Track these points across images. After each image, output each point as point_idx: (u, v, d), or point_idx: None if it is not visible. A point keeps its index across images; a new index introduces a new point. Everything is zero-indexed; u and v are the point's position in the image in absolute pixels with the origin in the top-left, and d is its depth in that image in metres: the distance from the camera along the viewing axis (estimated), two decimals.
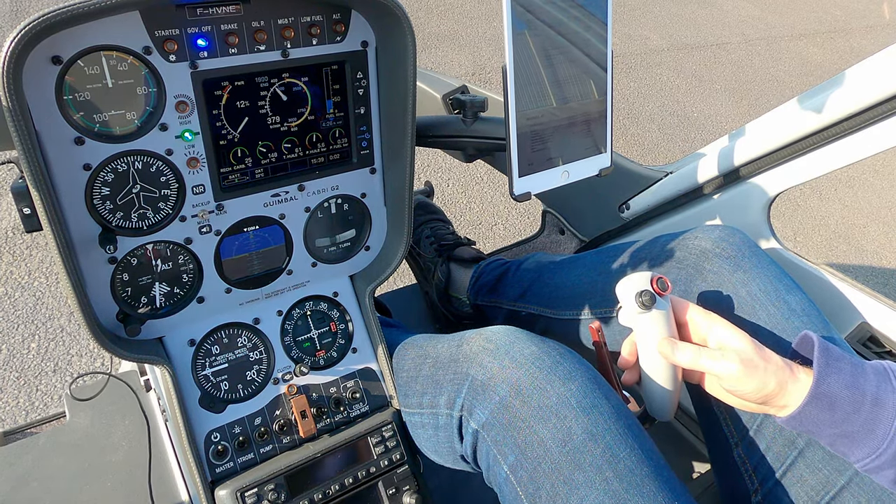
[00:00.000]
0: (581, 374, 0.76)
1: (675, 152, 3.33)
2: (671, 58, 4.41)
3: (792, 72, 4.67)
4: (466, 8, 4.37)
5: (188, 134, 0.77)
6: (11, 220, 2.11)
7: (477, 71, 3.60)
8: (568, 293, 1.09)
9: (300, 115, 0.85)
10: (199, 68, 0.75)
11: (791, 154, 1.00)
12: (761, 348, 0.72)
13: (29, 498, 1.04)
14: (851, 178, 3.45)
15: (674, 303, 0.79)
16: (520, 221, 2.60)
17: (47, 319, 1.85)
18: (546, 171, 0.75)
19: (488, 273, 1.28)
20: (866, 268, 2.85)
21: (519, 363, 0.77)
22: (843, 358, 0.70)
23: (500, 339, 0.81)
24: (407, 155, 0.87)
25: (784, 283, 0.85)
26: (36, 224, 0.68)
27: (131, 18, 0.70)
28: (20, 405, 1.63)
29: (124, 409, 1.15)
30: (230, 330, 0.90)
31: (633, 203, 1.25)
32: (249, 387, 0.90)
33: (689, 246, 0.93)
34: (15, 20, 3.16)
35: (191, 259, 0.84)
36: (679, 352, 0.75)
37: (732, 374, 0.71)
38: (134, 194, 0.77)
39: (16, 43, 0.59)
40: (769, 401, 0.71)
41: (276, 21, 0.78)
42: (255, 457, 0.87)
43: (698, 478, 1.16)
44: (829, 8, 6.18)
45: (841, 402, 0.68)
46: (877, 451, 0.67)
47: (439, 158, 2.77)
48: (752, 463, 0.82)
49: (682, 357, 0.75)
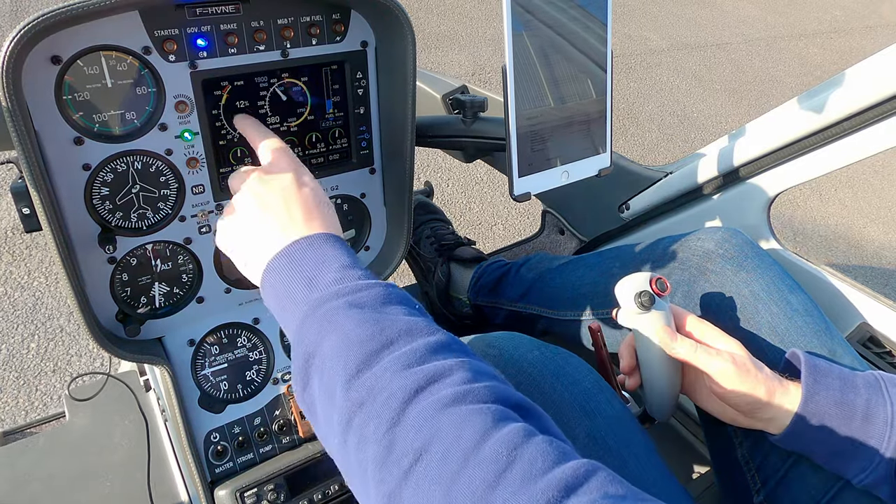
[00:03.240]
0: (583, 378, 0.77)
1: (675, 152, 3.33)
2: (671, 58, 4.41)
3: (792, 72, 4.67)
4: (466, 8, 4.36)
5: (188, 134, 0.77)
6: (11, 220, 2.11)
7: (477, 71, 3.60)
8: (569, 294, 1.09)
9: (300, 115, 0.85)
10: (198, 68, 0.75)
11: (791, 154, 1.00)
12: (754, 359, 0.73)
13: (29, 498, 1.04)
14: (851, 178, 3.44)
15: (673, 311, 0.79)
16: (520, 221, 2.59)
17: (47, 319, 1.85)
18: (546, 171, 0.75)
19: (489, 273, 1.28)
20: (866, 268, 2.85)
21: (521, 368, 0.77)
22: (832, 373, 0.70)
23: (502, 345, 0.82)
24: (407, 155, 0.87)
25: (786, 283, 0.86)
26: (35, 224, 0.68)
27: (131, 18, 0.70)
28: (20, 405, 1.63)
29: (124, 409, 1.15)
30: (230, 330, 0.90)
31: (632, 203, 1.25)
32: (249, 387, 0.90)
33: (692, 247, 0.93)
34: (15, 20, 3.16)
35: (190, 259, 0.84)
36: (678, 344, 0.76)
37: (724, 372, 0.71)
38: (133, 194, 0.77)
39: (15, 43, 0.59)
40: (756, 411, 0.72)
41: (276, 21, 0.78)
42: (255, 457, 0.87)
43: (698, 478, 1.15)
44: (829, 8, 6.18)
45: (831, 419, 0.68)
46: (870, 465, 0.67)
47: (439, 158, 2.77)
48: (755, 462, 0.82)
49: (680, 349, 0.75)
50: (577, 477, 0.41)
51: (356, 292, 0.54)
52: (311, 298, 0.55)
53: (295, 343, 0.54)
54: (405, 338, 0.51)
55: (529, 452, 0.42)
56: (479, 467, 0.42)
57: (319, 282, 0.56)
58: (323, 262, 0.58)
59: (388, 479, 0.44)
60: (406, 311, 0.54)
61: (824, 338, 0.81)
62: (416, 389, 0.46)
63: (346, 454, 0.48)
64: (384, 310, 0.53)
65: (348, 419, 0.48)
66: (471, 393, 0.46)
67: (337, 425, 0.49)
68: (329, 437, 0.51)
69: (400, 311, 0.54)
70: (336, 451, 0.50)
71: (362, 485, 0.47)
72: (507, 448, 0.42)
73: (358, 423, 0.47)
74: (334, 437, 0.50)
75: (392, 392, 0.46)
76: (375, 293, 0.54)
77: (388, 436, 0.45)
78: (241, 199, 0.66)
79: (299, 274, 0.57)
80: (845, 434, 0.68)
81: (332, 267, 0.57)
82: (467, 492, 0.41)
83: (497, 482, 0.41)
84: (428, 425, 0.44)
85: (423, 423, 0.44)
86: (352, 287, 0.55)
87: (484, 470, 0.41)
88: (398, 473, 0.43)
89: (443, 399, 0.45)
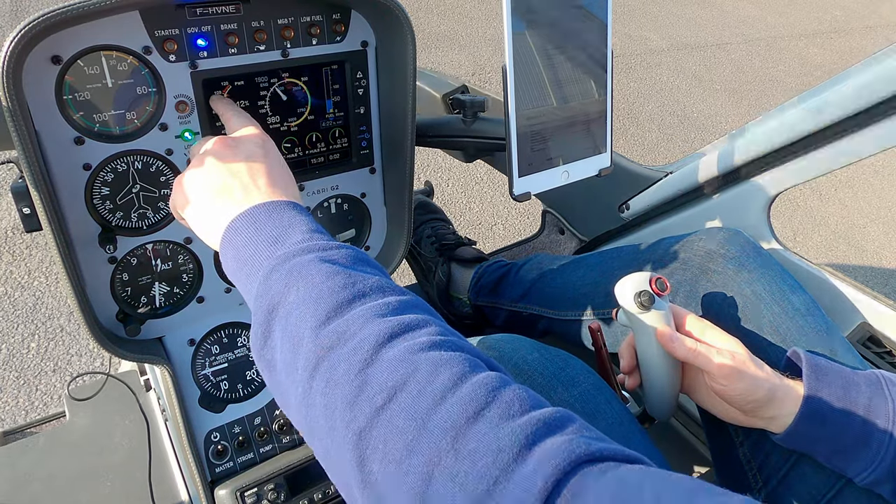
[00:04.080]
0: (583, 380, 0.77)
1: (675, 152, 3.33)
2: (671, 58, 4.41)
3: (792, 72, 4.67)
4: (466, 8, 4.36)
5: (188, 134, 0.77)
6: (11, 220, 2.11)
7: (477, 71, 3.60)
8: (570, 294, 1.09)
9: (300, 114, 0.85)
10: (198, 68, 0.75)
11: (791, 154, 1.00)
12: (754, 357, 0.73)
13: (29, 498, 1.04)
14: (851, 178, 3.44)
15: (673, 311, 0.79)
16: (520, 221, 2.60)
17: (47, 319, 1.85)
18: (546, 171, 0.75)
19: (489, 274, 1.28)
20: (866, 268, 2.85)
21: (521, 370, 0.78)
22: (833, 371, 0.70)
23: (502, 347, 0.82)
24: (407, 155, 0.87)
25: (788, 283, 0.86)
26: (35, 224, 0.68)
27: (131, 18, 0.70)
28: (20, 405, 1.63)
29: (124, 408, 1.15)
30: (230, 329, 0.90)
31: (632, 203, 1.25)
32: (249, 386, 0.90)
33: (694, 247, 0.93)
34: (15, 20, 3.16)
35: (191, 259, 0.84)
36: (678, 343, 0.76)
37: (725, 371, 0.71)
38: (134, 194, 0.77)
39: (16, 43, 0.59)
40: (758, 410, 0.72)
41: (276, 21, 0.78)
42: (255, 456, 0.87)
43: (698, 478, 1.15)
44: (829, 8, 6.18)
45: (833, 417, 0.68)
46: (872, 464, 0.67)
47: (439, 158, 2.77)
48: (756, 462, 0.82)
49: (680, 348, 0.75)
50: (555, 419, 0.42)
51: (326, 250, 0.53)
52: (278, 254, 0.53)
53: (257, 297, 0.52)
54: (377, 292, 0.50)
55: (507, 395, 0.42)
56: (456, 405, 0.41)
57: (286, 241, 0.54)
58: (289, 225, 0.56)
59: (359, 416, 0.42)
60: (377, 272, 0.53)
61: (826, 337, 0.81)
62: (391, 335, 0.45)
63: (310, 402, 0.46)
64: (356, 267, 0.52)
65: (315, 364, 0.46)
66: (446, 343, 0.46)
67: (302, 372, 0.47)
68: (289, 389, 0.49)
69: (371, 271, 0.53)
70: (297, 403, 0.48)
71: (328, 430, 0.45)
72: (484, 389, 0.42)
73: (326, 367, 0.45)
74: (297, 387, 0.47)
75: (365, 336, 0.45)
76: (346, 252, 0.53)
77: (360, 376, 0.44)
78: (205, 161, 0.63)
79: (264, 234, 0.55)
80: (847, 432, 0.68)
81: (299, 229, 0.56)
82: (446, 426, 0.40)
83: (476, 418, 0.40)
84: (403, 366, 0.43)
85: (398, 364, 0.43)
86: (322, 244, 0.53)
87: (462, 407, 0.41)
88: (370, 410, 0.42)
89: (418, 344, 0.45)
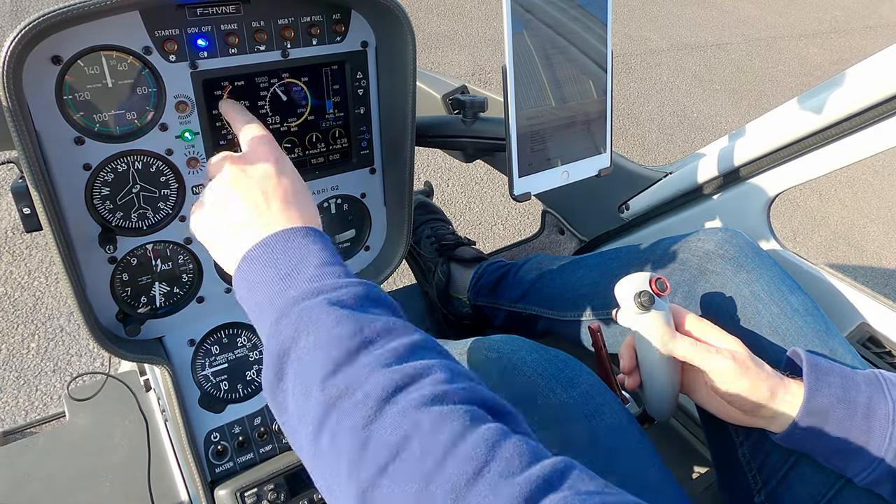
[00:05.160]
0: (583, 380, 0.77)
1: (675, 152, 3.33)
2: (671, 58, 4.41)
3: (792, 72, 4.67)
4: (466, 8, 4.36)
5: (188, 134, 0.77)
6: (11, 220, 2.11)
7: (477, 71, 3.60)
8: (570, 294, 1.09)
9: (300, 115, 0.85)
10: (198, 68, 0.75)
11: (791, 154, 1.00)
12: (754, 356, 0.73)
13: (29, 498, 1.04)
14: (851, 178, 3.44)
15: (673, 311, 0.79)
16: (520, 221, 2.59)
17: (47, 319, 1.85)
18: (546, 171, 0.75)
19: (489, 274, 1.28)
20: (866, 268, 2.85)
21: (520, 371, 0.77)
22: (833, 371, 0.71)
23: (501, 348, 0.82)
24: (407, 155, 0.87)
25: (787, 283, 0.86)
26: (36, 224, 0.68)
27: (131, 18, 0.70)
28: (20, 405, 1.63)
29: (124, 409, 1.15)
30: (230, 330, 0.90)
31: (632, 203, 1.25)
32: (249, 387, 0.90)
33: (693, 248, 0.93)
34: (15, 20, 3.16)
35: (191, 259, 0.84)
36: (678, 343, 0.76)
37: (725, 371, 0.71)
38: (134, 194, 0.77)
39: (16, 43, 0.59)
40: (758, 410, 0.72)
41: (276, 21, 0.78)
42: (255, 457, 0.87)
43: (698, 478, 1.15)
44: (829, 8, 6.18)
45: (833, 417, 0.68)
46: (872, 464, 0.67)
47: (439, 158, 2.77)
48: (756, 462, 0.82)
49: (679, 348, 0.75)
50: (554, 473, 0.42)
51: (335, 290, 0.53)
52: (289, 295, 0.54)
53: (269, 338, 0.53)
54: (384, 337, 0.50)
55: (507, 451, 0.43)
56: (457, 464, 0.42)
57: (297, 278, 0.55)
58: (301, 257, 0.57)
59: (363, 475, 0.44)
60: (384, 311, 0.54)
61: (825, 338, 0.81)
62: (395, 388, 0.46)
63: (318, 451, 0.48)
64: (363, 308, 0.53)
65: (324, 415, 0.47)
66: (448, 394, 0.46)
67: (311, 421, 0.48)
68: (300, 433, 0.50)
69: (378, 311, 0.54)
70: (306, 448, 0.49)
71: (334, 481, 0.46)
72: (484, 446, 0.42)
73: (334, 419, 0.46)
74: (306, 434, 0.49)
75: (370, 389, 0.46)
76: (354, 292, 0.54)
77: (364, 432, 0.45)
78: (219, 186, 0.64)
79: (276, 268, 0.56)
80: (847, 432, 0.68)
81: (310, 263, 0.56)
82: (446, 488, 0.41)
83: (476, 479, 0.41)
84: (406, 423, 0.44)
85: (401, 420, 0.44)
86: (330, 284, 0.54)
87: (462, 467, 0.41)
88: (374, 470, 0.43)
89: (421, 398, 0.45)
